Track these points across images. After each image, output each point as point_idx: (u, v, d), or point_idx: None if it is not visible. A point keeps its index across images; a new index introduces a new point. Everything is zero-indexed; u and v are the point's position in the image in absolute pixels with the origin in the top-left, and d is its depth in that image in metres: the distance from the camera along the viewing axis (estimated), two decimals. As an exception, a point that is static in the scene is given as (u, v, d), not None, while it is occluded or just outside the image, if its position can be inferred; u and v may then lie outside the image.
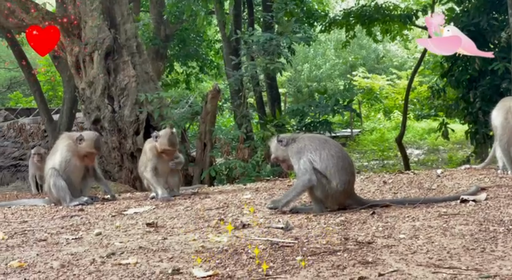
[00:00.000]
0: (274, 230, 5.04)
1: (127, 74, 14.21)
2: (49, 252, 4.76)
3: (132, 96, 14.05)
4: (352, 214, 5.49)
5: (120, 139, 14.01)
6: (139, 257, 4.42)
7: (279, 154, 6.08)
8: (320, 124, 14.13)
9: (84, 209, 6.96)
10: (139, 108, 13.87)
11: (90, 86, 14.26)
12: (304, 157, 5.76)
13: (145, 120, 13.93)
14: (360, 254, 4.11)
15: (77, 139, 7.67)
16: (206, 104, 12.97)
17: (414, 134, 32.94)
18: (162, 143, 7.58)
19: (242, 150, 13.15)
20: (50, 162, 7.71)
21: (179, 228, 5.47)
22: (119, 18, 14.70)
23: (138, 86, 14.21)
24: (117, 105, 14.12)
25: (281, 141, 6.03)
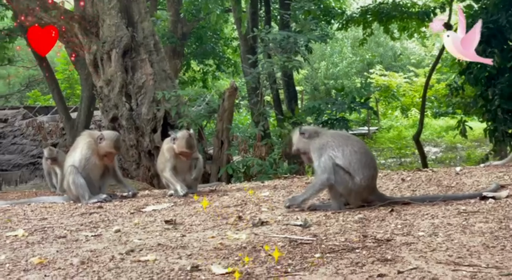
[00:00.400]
0: (292, 228, 5.04)
1: (144, 72, 14.25)
2: (68, 249, 4.78)
3: (149, 94, 14.09)
4: (370, 212, 5.48)
5: (137, 137, 14.05)
6: (158, 254, 4.43)
7: (301, 146, 6.05)
8: (337, 121, 14.11)
9: (102, 207, 6.99)
10: (157, 106, 13.91)
11: (108, 84, 14.31)
12: (325, 155, 5.74)
13: (162, 118, 13.97)
14: (379, 252, 4.10)
15: (97, 138, 7.71)
16: (223, 102, 12.97)
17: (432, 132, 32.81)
18: (180, 145, 7.59)
19: (259, 148, 13.15)
20: (69, 159, 7.74)
21: (198, 225, 5.48)
22: (137, 16, 14.74)
23: (156, 84, 14.25)
24: (135, 103, 14.17)
25: (304, 133, 6.00)
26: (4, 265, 4.39)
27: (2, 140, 23.08)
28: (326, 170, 5.69)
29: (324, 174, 5.69)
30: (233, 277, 3.76)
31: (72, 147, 8.01)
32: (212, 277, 3.78)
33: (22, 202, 8.09)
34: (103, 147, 7.69)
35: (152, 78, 14.22)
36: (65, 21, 14.59)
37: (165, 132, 13.63)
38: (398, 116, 37.61)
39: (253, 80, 14.94)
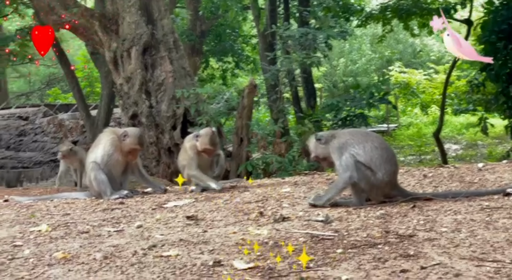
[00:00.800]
0: (314, 223, 5.04)
1: (164, 69, 14.30)
2: (91, 244, 4.82)
3: (169, 92, 14.14)
4: (392, 208, 5.46)
5: (157, 134, 14.11)
6: (180, 249, 4.44)
7: (319, 153, 6.05)
8: (356, 118, 14.08)
9: (124, 202, 7.02)
10: (176, 104, 13.95)
11: (127, 81, 14.37)
12: (346, 153, 5.73)
13: (182, 115, 14.01)
14: (401, 247, 4.09)
15: (121, 135, 7.74)
16: (242, 99, 12.98)
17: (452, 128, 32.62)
18: (203, 142, 7.60)
19: (279, 145, 13.16)
20: (91, 155, 7.78)
21: (219, 221, 5.49)
22: (156, 14, 14.79)
23: (175, 82, 14.29)
24: (155, 100, 14.22)
25: (320, 139, 5.99)
26: (28, 259, 4.43)
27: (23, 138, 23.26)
28: (348, 168, 5.68)
29: (347, 172, 5.69)
30: (255, 272, 3.77)
31: (93, 144, 8.04)
32: (234, 272, 3.79)
33: (45, 198, 8.14)
34: (127, 144, 7.73)
35: (172, 75, 14.26)
36: (85, 19, 14.67)
37: (184, 129, 13.68)
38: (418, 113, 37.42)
39: (272, 77, 14.95)
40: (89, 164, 7.74)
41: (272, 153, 13.05)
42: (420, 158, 25.99)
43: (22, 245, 4.97)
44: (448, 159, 21.11)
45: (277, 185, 7.52)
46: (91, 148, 7.98)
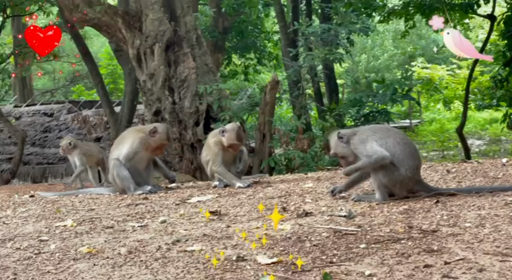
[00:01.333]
0: (336, 218, 5.03)
1: (187, 66, 14.32)
2: (116, 239, 4.84)
3: (192, 88, 14.16)
4: (415, 203, 5.44)
5: (180, 130, 14.14)
6: (203, 244, 4.46)
7: (339, 151, 6.02)
8: (379, 114, 14.02)
9: (148, 198, 7.05)
10: (199, 100, 13.97)
11: (151, 78, 14.41)
12: (370, 143, 5.67)
13: (204, 111, 14.02)
14: (424, 243, 4.07)
15: (150, 132, 7.79)
16: (265, 95, 12.97)
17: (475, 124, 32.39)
18: (230, 138, 7.60)
19: (301, 140, 13.14)
20: (115, 152, 7.81)
21: (242, 216, 5.50)
22: (179, 11, 14.82)
23: (198, 78, 14.31)
24: (178, 96, 14.25)
25: (342, 138, 5.95)
26: (54, 254, 4.47)
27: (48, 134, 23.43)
28: (376, 151, 5.54)
29: (375, 154, 5.54)
30: (278, 267, 3.77)
31: (117, 141, 8.08)
32: (258, 267, 3.79)
33: (70, 193, 8.21)
34: (157, 139, 7.80)
35: (195, 72, 14.28)
36: (109, 17, 14.73)
37: (207, 125, 13.70)
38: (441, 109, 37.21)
39: (294, 73, 14.93)
40: (111, 161, 7.79)
41: (295, 148, 13.03)
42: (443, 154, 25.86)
43: (48, 239, 5.01)
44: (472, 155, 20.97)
45: (300, 181, 7.52)
46: (114, 145, 8.01)
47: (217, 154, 7.65)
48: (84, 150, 10.89)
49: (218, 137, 7.69)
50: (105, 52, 36.57)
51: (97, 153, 11.27)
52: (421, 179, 5.90)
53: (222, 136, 7.63)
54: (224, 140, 7.62)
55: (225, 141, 7.61)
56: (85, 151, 10.84)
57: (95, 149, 11.46)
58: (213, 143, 7.71)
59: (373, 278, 3.42)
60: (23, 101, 30.72)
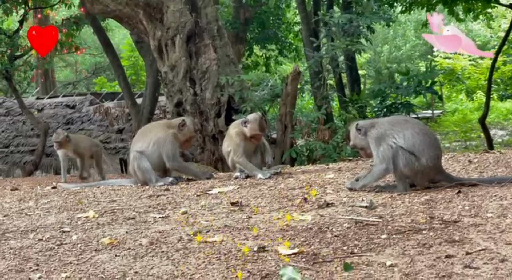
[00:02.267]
0: (358, 209, 5.02)
1: (208, 57, 14.32)
2: (137, 230, 4.87)
3: (213, 79, 14.16)
4: (437, 193, 5.41)
5: (202, 121, 14.15)
6: (224, 235, 4.47)
7: (357, 143, 6.07)
8: (402, 106, 13.95)
9: (169, 189, 7.08)
10: (220, 91, 13.97)
11: (172, 69, 14.43)
12: (384, 144, 5.71)
13: (226, 102, 14.01)
14: (446, 233, 4.06)
15: (179, 126, 7.84)
16: (286, 86, 12.94)
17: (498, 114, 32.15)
18: (252, 128, 7.58)
19: (323, 131, 13.09)
20: (138, 145, 7.82)
21: (263, 207, 5.51)
22: (200, 2, 14.80)
23: (219, 69, 14.30)
24: (199, 88, 14.25)
25: (360, 130, 5.98)
26: (76, 245, 4.51)
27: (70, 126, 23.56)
28: (384, 160, 5.68)
29: (382, 164, 5.70)
30: (299, 257, 3.78)
31: (141, 133, 8.09)
32: (279, 257, 3.80)
33: (92, 185, 8.25)
34: (186, 133, 7.91)
35: (216, 63, 14.28)
36: (130, 8, 14.76)
37: (229, 116, 13.70)
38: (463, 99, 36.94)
39: (315, 64, 14.87)
40: (132, 153, 7.83)
41: (316, 139, 13.00)
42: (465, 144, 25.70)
43: (70, 231, 5.05)
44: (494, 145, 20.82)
45: (321, 172, 7.51)
46: (137, 137, 8.04)
47: (239, 145, 7.64)
48: (77, 144, 10.99)
49: (240, 128, 7.68)
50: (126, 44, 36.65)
51: (89, 146, 11.36)
52: (442, 169, 5.88)
53: (244, 127, 7.62)
54: (246, 130, 7.61)
55: (247, 131, 7.60)
56: (77, 145, 10.95)
57: (88, 143, 11.55)
58: (235, 134, 7.70)
59: (394, 269, 3.42)
60: (45, 93, 30.91)
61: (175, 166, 7.80)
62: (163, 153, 7.71)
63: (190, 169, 8.14)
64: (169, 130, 7.84)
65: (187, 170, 8.02)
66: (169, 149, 7.72)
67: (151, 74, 18.99)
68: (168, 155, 7.71)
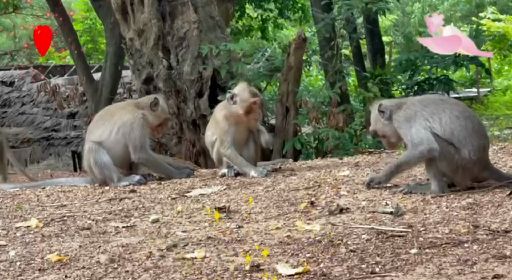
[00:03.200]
0: (380, 216, 5.04)
1: (186, 19, 14.29)
2: (94, 244, 4.87)
3: (193, 48, 14.14)
4: (482, 195, 5.43)
5: (178, 103, 14.14)
6: (207, 250, 4.48)
7: (379, 128, 6.08)
8: (438, 82, 13.96)
9: (136, 190, 7.07)
10: (203, 63, 13.95)
11: (140, 35, 14.41)
12: (417, 125, 5.71)
13: (210, 78, 13.99)
14: (494, 246, 4.08)
15: (150, 105, 7.80)
16: (288, 57, 12.95)
17: None
18: (244, 98, 7.52)
19: (336, 116, 13.10)
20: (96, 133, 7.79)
21: (258, 213, 5.51)
22: None
23: (201, 35, 14.28)
24: (175, 59, 14.24)
25: (383, 112, 5.98)
26: (14, 263, 4.50)
27: (7, 109, 23.55)
28: (423, 141, 5.66)
29: (421, 145, 5.66)
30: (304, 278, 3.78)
31: (100, 118, 8.07)
32: (278, 279, 3.81)
33: (35, 185, 8.23)
34: (160, 114, 7.83)
35: (197, 27, 14.25)
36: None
37: (213, 96, 13.68)
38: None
39: (326, 28, 14.88)
40: (88, 144, 7.79)
41: (327, 126, 13.02)
42: (520, 132, 25.77)
43: (6, 245, 5.04)
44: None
45: (333, 168, 7.52)
46: (95, 123, 8.01)
47: (227, 132, 7.60)
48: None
49: (228, 109, 7.65)
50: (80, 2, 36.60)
51: None
52: (489, 163, 5.89)
53: (233, 104, 7.57)
54: (236, 108, 7.54)
55: (238, 108, 7.54)
56: None
57: None
58: (222, 118, 7.67)
59: (427, 293, 3.44)
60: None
61: (143, 159, 7.77)
62: (129, 142, 7.68)
63: (163, 165, 8.02)
64: (138, 111, 7.80)
65: (158, 165, 7.96)
66: (136, 137, 7.69)
67: (112, 41, 18.97)
68: (135, 144, 7.68)
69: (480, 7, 44.40)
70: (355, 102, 17.18)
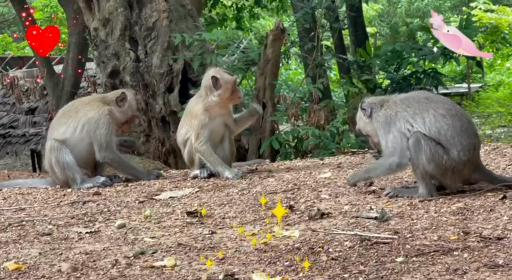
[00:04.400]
0: (364, 221, 5.05)
1: (156, 7, 14.27)
2: (55, 250, 4.86)
3: (163, 39, 14.12)
4: (473, 199, 5.45)
5: (147, 98, 14.12)
6: (178, 257, 4.48)
7: (362, 126, 6.15)
8: (426, 75, 14.00)
9: (101, 193, 7.06)
10: (173, 55, 13.94)
11: (105, 25, 14.37)
12: (394, 131, 5.75)
13: (181, 71, 13.98)
14: (486, 254, 4.10)
15: (117, 101, 7.77)
16: (265, 49, 12.94)
17: (559, 90, 32.44)
18: (227, 80, 7.60)
19: (317, 112, 13.10)
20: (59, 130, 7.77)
21: (232, 218, 5.52)
22: None
23: (171, 25, 14.26)
24: (143, 51, 14.21)
25: (364, 110, 6.03)
26: (-32, 272, 4.48)
27: (-41, 104, 23.40)
28: (396, 151, 5.73)
29: (393, 156, 5.74)
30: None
31: (62, 114, 8.03)
32: (254, 289, 3.82)
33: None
34: (127, 110, 7.80)
35: (167, 16, 14.23)
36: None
37: (184, 91, 13.66)
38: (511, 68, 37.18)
39: (306, 18, 14.88)
40: (50, 142, 7.76)
41: (307, 124, 13.03)
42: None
43: (-41, 252, 5.02)
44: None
45: (314, 169, 7.53)
46: (57, 119, 7.98)
47: (205, 125, 7.59)
48: None
49: (208, 99, 7.65)
50: (40, -11, 36.48)
51: None
52: (481, 165, 5.92)
53: (219, 89, 7.60)
54: (223, 91, 7.59)
55: (224, 90, 7.59)
56: None
57: None
58: (202, 110, 7.64)
59: (414, 305, 3.45)
60: None
61: (109, 159, 7.74)
62: (94, 140, 7.66)
63: (130, 165, 8.07)
64: (104, 107, 7.78)
65: (124, 166, 7.96)
66: (102, 134, 7.66)
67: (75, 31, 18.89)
68: (101, 142, 7.65)
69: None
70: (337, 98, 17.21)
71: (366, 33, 25.52)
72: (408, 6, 45.37)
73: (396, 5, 45.79)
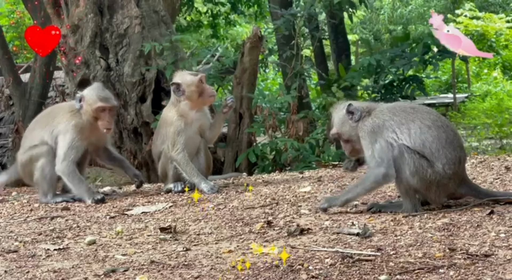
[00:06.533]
0: (346, 238, 5.06)
1: (128, 14, 14.27)
2: (22, 268, 4.84)
3: (135, 47, 14.11)
4: (459, 215, 5.47)
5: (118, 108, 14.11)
6: (150, 275, 4.47)
7: (345, 131, 6.10)
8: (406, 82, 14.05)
9: (70, 208, 7.04)
10: (146, 64, 13.93)
11: (74, 31, 14.35)
12: (382, 140, 5.76)
13: (153, 80, 13.97)
14: (473, 272, 4.11)
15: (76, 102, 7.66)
16: (242, 57, 12.96)
17: (547, 100, 32.59)
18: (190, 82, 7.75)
19: (295, 123, 13.13)
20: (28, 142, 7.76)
21: (208, 234, 5.52)
22: None
23: (144, 32, 14.26)
24: (114, 59, 14.20)
25: (353, 114, 6.01)
26: None
27: None
28: (383, 162, 5.72)
29: (380, 167, 5.73)
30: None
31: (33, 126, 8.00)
32: (231, 309, 3.82)
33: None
34: (86, 110, 7.62)
35: (139, 23, 14.23)
36: None
37: (157, 101, 13.65)
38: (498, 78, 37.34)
39: (285, 25, 14.91)
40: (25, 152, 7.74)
41: (286, 135, 13.05)
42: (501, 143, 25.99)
43: None
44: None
45: (293, 183, 7.54)
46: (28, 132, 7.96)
47: (181, 132, 7.61)
48: None
49: (179, 105, 7.68)
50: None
51: None
52: (467, 178, 5.94)
53: (181, 95, 7.64)
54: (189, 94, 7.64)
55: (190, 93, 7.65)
56: None
57: None
58: (176, 117, 7.67)
59: (398, 325, 3.46)
60: None
61: (60, 172, 7.59)
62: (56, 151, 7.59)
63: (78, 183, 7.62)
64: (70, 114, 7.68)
65: (73, 182, 7.62)
66: (64, 143, 7.58)
67: (43, 38, 18.86)
68: (59, 154, 7.59)
69: (456, 2, 44.79)
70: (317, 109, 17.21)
71: (347, 41, 25.58)
72: (391, 13, 45.53)
73: (378, 11, 45.95)
